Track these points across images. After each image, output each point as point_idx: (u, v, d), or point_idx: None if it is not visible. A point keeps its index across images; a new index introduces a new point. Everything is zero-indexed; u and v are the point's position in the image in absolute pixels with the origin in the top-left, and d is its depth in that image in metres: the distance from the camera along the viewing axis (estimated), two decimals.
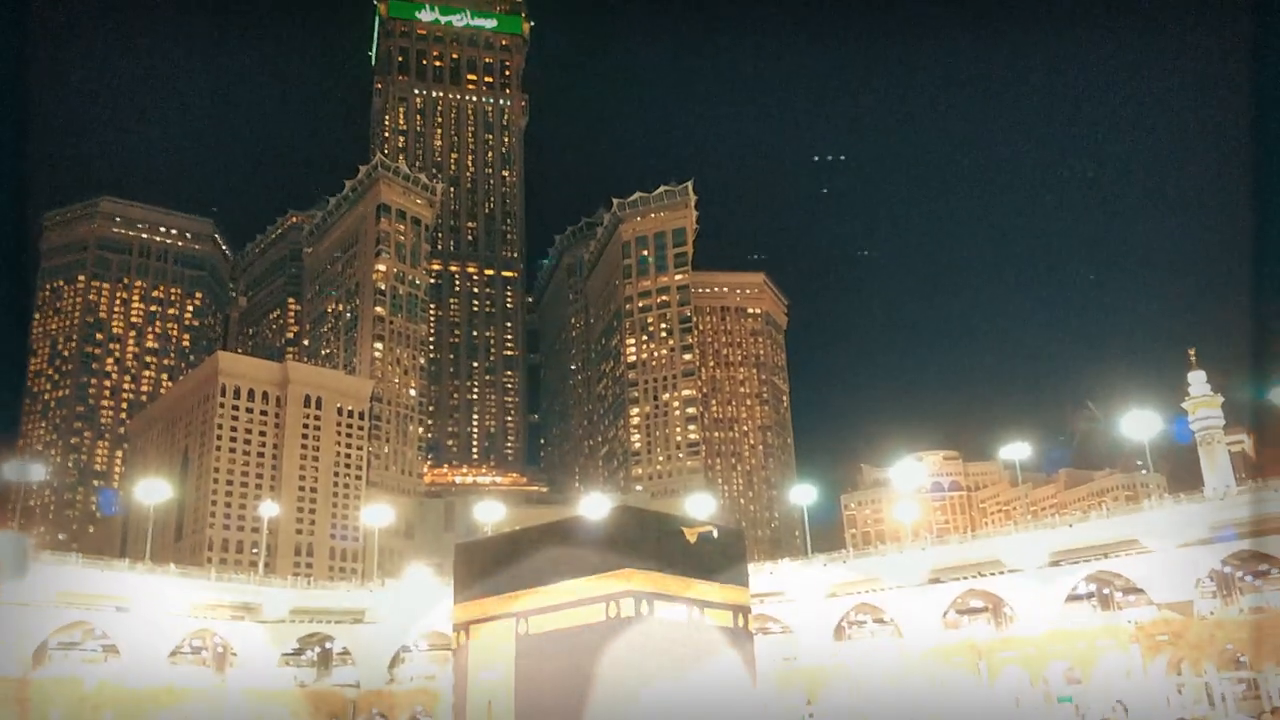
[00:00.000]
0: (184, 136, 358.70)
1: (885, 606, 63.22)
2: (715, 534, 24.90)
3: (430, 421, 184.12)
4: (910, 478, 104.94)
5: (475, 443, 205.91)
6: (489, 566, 24.86)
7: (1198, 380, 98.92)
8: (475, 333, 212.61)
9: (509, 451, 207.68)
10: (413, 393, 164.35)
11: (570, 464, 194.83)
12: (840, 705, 49.79)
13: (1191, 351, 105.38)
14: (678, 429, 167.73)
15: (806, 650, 62.53)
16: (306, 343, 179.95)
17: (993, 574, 60.09)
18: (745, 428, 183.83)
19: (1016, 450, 77.74)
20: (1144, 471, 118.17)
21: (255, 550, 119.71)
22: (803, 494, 79.72)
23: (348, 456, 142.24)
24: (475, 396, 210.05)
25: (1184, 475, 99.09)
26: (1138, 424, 67.90)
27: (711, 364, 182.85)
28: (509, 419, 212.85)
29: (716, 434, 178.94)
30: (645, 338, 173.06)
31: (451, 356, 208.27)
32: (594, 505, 67.02)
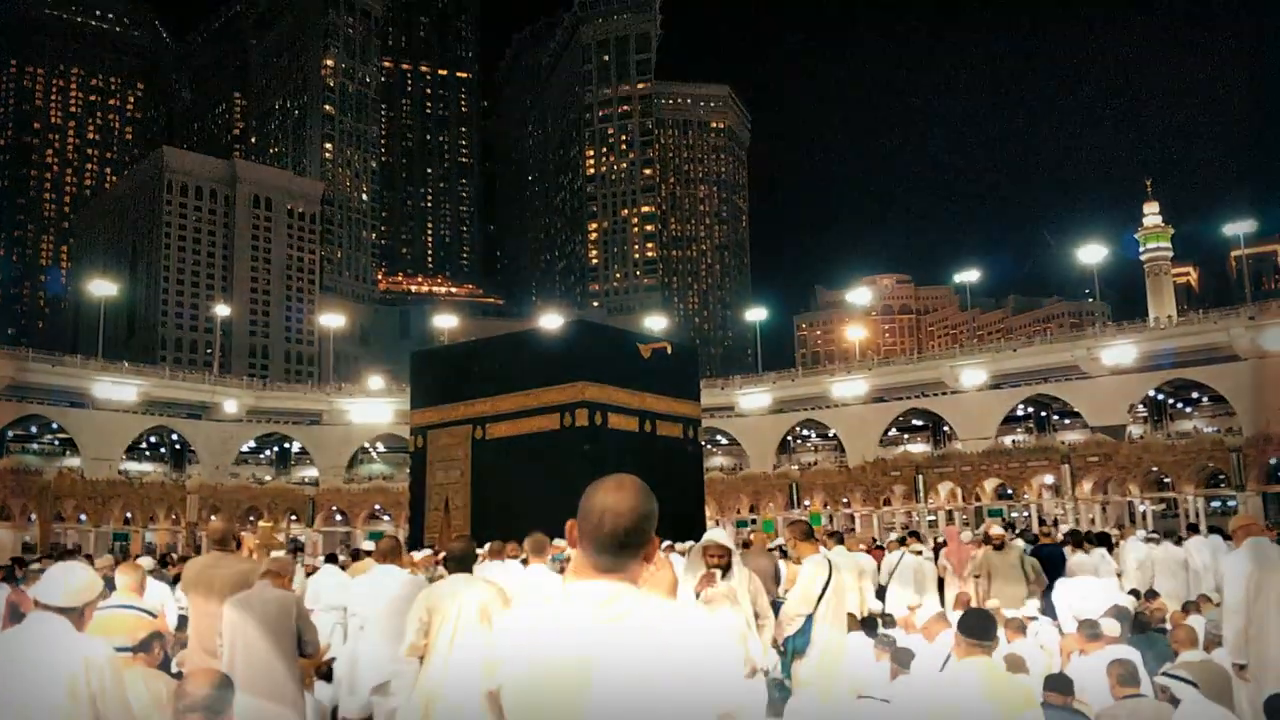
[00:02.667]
0: None
1: (830, 423, 65.50)
2: (669, 351, 25.13)
3: (383, 228, 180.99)
4: (862, 300, 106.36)
5: (430, 252, 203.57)
6: (446, 375, 25.00)
7: (1151, 211, 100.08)
8: (429, 137, 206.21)
9: (464, 262, 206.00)
10: (365, 197, 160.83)
11: (527, 278, 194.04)
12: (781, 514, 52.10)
13: (1148, 182, 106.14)
14: (635, 246, 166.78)
15: (754, 461, 65.00)
16: (254, 140, 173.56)
17: (935, 394, 62.20)
18: (703, 247, 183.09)
19: (967, 275, 79.08)
20: (1090, 300, 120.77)
21: (209, 350, 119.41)
22: (756, 314, 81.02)
23: (300, 260, 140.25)
24: (429, 204, 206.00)
25: (1130, 305, 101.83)
26: (1088, 252, 69.50)
27: (671, 180, 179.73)
28: (464, 229, 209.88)
29: (674, 252, 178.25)
30: (605, 150, 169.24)
31: (404, 161, 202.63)
32: (550, 320, 67.34)
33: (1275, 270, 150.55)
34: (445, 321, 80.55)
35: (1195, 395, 59.45)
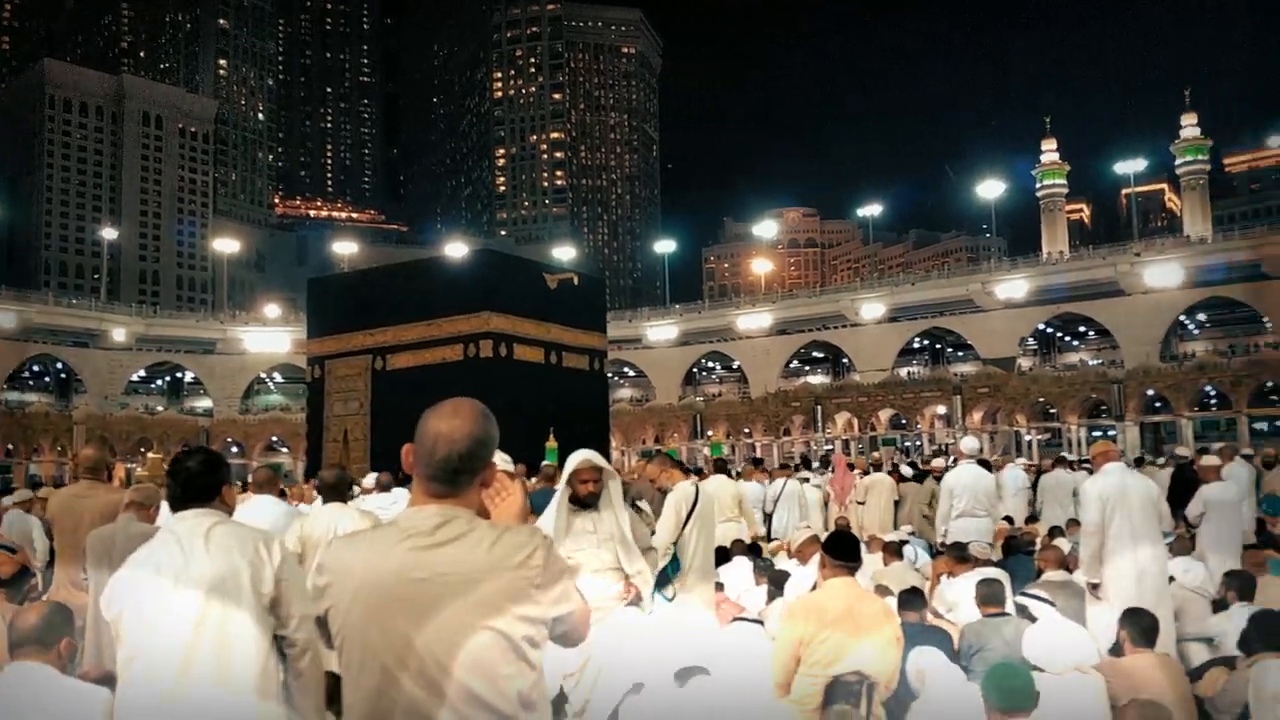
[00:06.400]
0: None
1: (734, 355, 66.38)
2: (576, 282, 25.02)
3: (280, 149, 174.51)
4: (769, 233, 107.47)
5: (329, 175, 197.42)
6: (345, 303, 24.46)
7: (1049, 148, 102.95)
8: (329, 55, 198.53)
9: (366, 186, 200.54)
10: (261, 116, 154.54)
11: (431, 204, 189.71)
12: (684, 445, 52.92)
13: (1046, 119, 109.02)
14: (544, 174, 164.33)
15: (660, 393, 65.62)
16: (143, 55, 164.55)
17: (836, 327, 63.45)
18: (613, 176, 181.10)
19: (871, 209, 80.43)
20: (988, 235, 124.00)
21: (96, 276, 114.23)
22: (665, 246, 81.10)
23: (192, 181, 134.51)
24: (329, 125, 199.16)
25: (1025, 240, 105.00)
26: (987, 188, 71.39)
27: (582, 106, 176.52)
28: (366, 152, 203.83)
29: (584, 181, 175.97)
30: (513, 73, 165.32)
31: (303, 79, 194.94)
32: (455, 248, 66.26)
33: (1162, 208, 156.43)
34: (345, 248, 78.55)
35: (1082, 329, 61.90)
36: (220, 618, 2.50)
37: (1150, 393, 47.87)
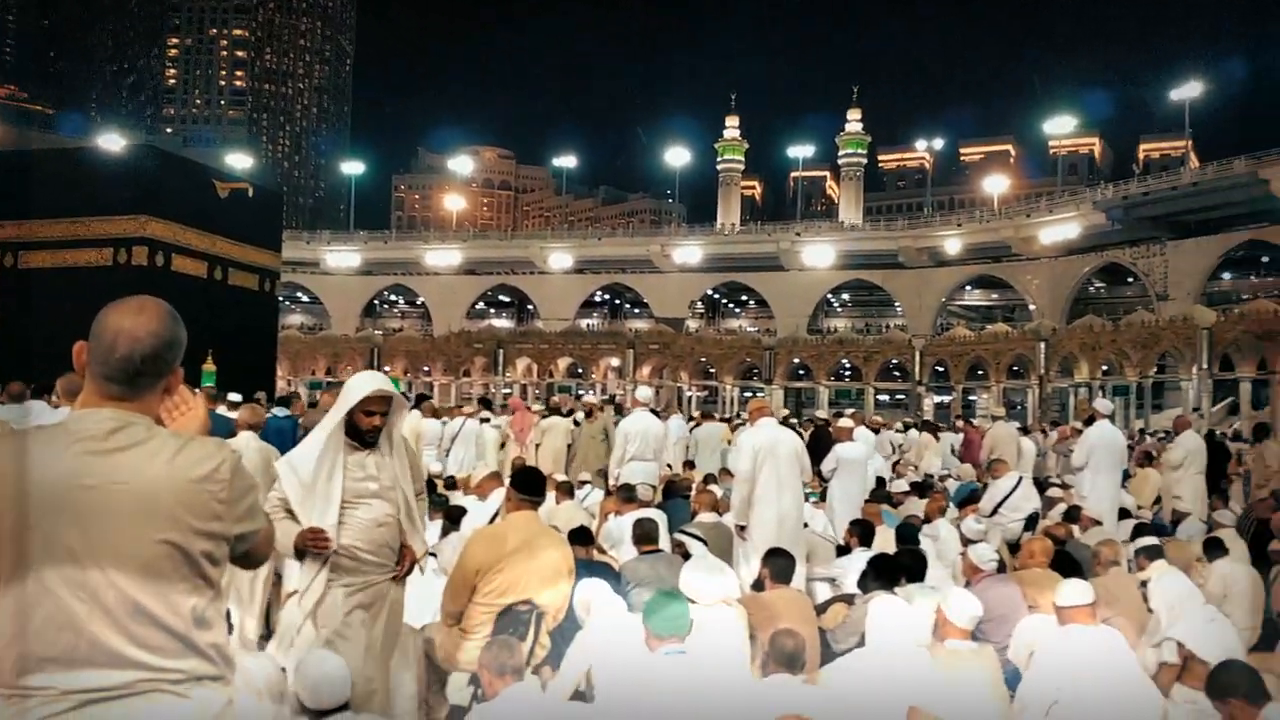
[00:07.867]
0: None
1: (419, 290, 65.26)
2: (250, 193, 23.37)
3: None
4: (464, 169, 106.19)
5: None
6: None
7: (731, 125, 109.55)
8: None
9: (7, 58, 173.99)
10: None
11: (86, 88, 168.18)
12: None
13: (733, 96, 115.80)
14: (223, 72, 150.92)
15: (336, 323, 63.11)
16: None
17: (523, 273, 64.18)
18: (301, 85, 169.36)
19: (565, 160, 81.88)
20: (670, 200, 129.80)
21: None
22: (353, 168, 77.65)
23: None
24: None
25: (703, 209, 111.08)
26: (674, 155, 75.29)
27: (271, 6, 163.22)
28: (10, 18, 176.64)
29: (267, 86, 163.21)
30: None
31: None
32: (111, 140, 59.42)
33: (823, 194, 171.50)
34: None
35: (744, 298, 67.07)
36: None
37: (796, 361, 52.65)
